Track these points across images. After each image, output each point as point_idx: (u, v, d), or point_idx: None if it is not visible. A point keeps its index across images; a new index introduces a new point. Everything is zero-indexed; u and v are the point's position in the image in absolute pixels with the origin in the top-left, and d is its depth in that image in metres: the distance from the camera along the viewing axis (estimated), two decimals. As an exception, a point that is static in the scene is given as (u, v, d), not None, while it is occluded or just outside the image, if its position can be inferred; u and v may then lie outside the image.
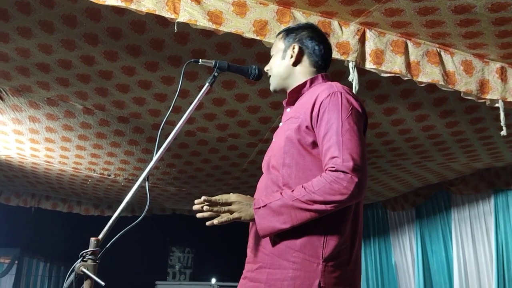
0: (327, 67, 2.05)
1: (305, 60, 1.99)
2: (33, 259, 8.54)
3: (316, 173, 1.71)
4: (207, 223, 1.73)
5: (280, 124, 1.98)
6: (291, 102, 1.98)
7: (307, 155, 1.76)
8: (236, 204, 1.74)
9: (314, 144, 1.75)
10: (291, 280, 1.63)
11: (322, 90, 1.79)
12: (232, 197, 1.76)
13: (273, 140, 1.97)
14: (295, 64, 1.99)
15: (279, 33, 2.10)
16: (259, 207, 1.70)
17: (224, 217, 1.72)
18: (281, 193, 1.69)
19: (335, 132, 1.67)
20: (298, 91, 1.95)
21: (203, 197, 1.73)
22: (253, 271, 1.75)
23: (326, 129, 1.70)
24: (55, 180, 6.37)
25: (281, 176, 1.78)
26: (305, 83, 1.95)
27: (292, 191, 1.67)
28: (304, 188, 1.65)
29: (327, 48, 2.04)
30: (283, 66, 2.01)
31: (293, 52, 1.98)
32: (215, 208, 1.73)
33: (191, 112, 1.91)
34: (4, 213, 7.45)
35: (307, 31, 2.03)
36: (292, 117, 1.84)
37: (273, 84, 2.05)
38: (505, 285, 5.21)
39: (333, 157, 1.64)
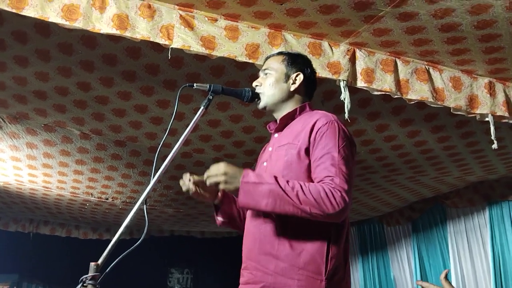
0: (312, 96, 2.19)
1: (302, 89, 2.10)
2: (32, 285, 8.47)
3: None
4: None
5: (270, 149, 2.04)
6: (280, 128, 2.05)
7: (306, 178, 1.83)
8: (224, 176, 1.78)
9: (309, 167, 1.85)
10: None
11: (319, 117, 1.91)
12: (221, 168, 1.79)
13: (264, 164, 2.02)
14: (295, 91, 2.07)
15: (280, 54, 2.16)
16: (248, 182, 1.75)
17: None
18: (275, 178, 1.74)
19: (331, 156, 1.79)
20: (289, 118, 2.04)
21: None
22: None
23: (323, 152, 1.81)
24: (53, 205, 6.38)
25: None
26: (295, 110, 2.05)
27: (287, 181, 1.73)
28: (301, 186, 1.71)
29: (316, 80, 2.20)
30: (282, 90, 2.06)
31: (297, 79, 2.07)
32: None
33: (187, 135, 1.93)
34: (2, 239, 7.44)
35: (307, 62, 2.17)
36: (289, 143, 1.91)
37: (265, 102, 2.07)
38: (503, 296, 5.24)
39: (330, 176, 1.74)
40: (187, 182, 2.00)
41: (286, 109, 2.06)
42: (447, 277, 1.75)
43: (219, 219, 2.15)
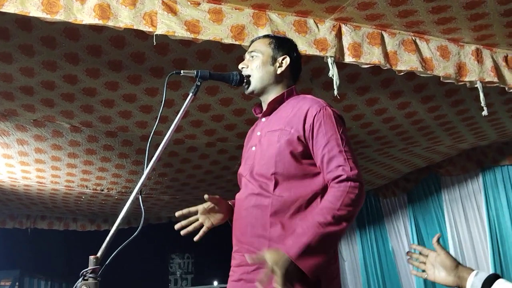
0: (297, 80, 2.20)
1: (288, 73, 2.11)
2: (33, 279, 8.51)
3: (302, 179, 1.86)
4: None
5: (258, 134, 2.05)
6: (268, 113, 2.07)
7: (297, 164, 1.87)
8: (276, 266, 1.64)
9: (304, 154, 1.88)
10: None
11: (311, 104, 1.93)
12: (269, 259, 1.65)
13: (253, 149, 2.03)
14: (281, 74, 2.08)
15: (266, 37, 2.17)
16: (298, 255, 1.64)
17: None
18: (304, 227, 1.70)
19: (336, 143, 1.83)
20: (277, 102, 2.05)
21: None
22: (250, 273, 1.82)
23: (325, 140, 1.85)
24: (49, 200, 6.37)
25: (272, 183, 1.86)
26: (282, 94, 2.06)
27: (312, 217, 1.72)
28: (325, 210, 1.72)
29: (301, 64, 2.21)
30: (268, 72, 2.06)
31: (284, 62, 2.08)
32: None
33: (178, 122, 1.93)
34: (0, 236, 7.45)
35: (295, 46, 2.20)
36: (281, 129, 1.93)
37: (254, 85, 2.08)
38: (501, 259, 5.31)
39: (340, 166, 1.79)
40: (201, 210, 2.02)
41: (273, 92, 2.08)
42: (439, 241, 1.76)
43: None
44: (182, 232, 1.96)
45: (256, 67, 2.07)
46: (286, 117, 1.96)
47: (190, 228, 1.96)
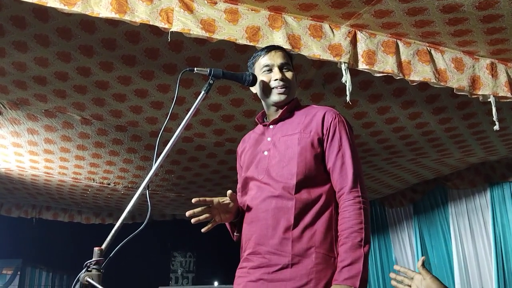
0: None
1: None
2: (35, 269, 8.56)
3: (319, 181, 1.97)
4: None
5: (268, 139, 2.09)
6: (276, 121, 2.13)
7: (316, 166, 1.97)
8: None
9: (323, 157, 2.00)
10: (316, 273, 1.82)
11: (326, 110, 2.05)
12: None
13: (265, 153, 2.06)
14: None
15: (286, 51, 2.24)
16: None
17: None
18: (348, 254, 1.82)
19: (349, 155, 1.97)
20: (289, 110, 2.14)
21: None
22: (271, 273, 1.87)
23: (338, 146, 1.98)
24: (55, 191, 6.40)
25: (294, 185, 1.93)
26: (294, 103, 2.16)
27: (347, 242, 1.84)
28: (353, 228, 1.86)
29: None
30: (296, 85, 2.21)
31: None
32: None
33: (188, 119, 1.94)
34: (5, 225, 7.48)
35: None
36: (301, 133, 2.02)
37: (289, 96, 2.14)
38: (505, 276, 5.27)
39: (345, 186, 1.93)
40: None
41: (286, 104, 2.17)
42: (424, 265, 1.75)
43: (237, 234, 2.18)
44: (193, 220, 1.96)
45: (292, 79, 2.14)
46: (301, 123, 2.05)
47: (201, 217, 1.95)
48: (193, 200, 1.94)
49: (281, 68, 2.12)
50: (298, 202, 1.91)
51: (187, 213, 1.92)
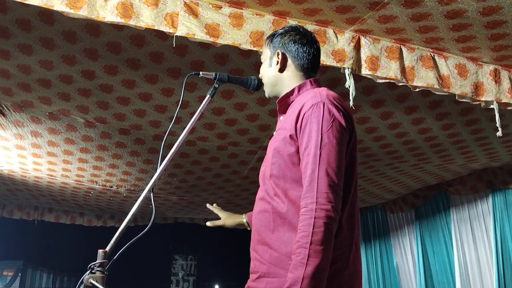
0: (315, 69, 1.99)
1: (291, 65, 1.94)
2: (36, 271, 8.56)
3: (296, 184, 1.69)
4: None
5: (274, 133, 1.94)
6: (283, 110, 1.93)
7: (292, 166, 1.72)
8: None
9: (296, 154, 1.72)
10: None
11: (308, 99, 1.75)
12: None
13: (267, 151, 1.92)
14: (281, 70, 1.93)
15: (266, 39, 2.05)
16: None
17: None
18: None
19: (313, 153, 1.63)
20: (286, 99, 1.91)
21: None
22: (254, 281, 1.74)
23: (306, 142, 1.66)
24: (58, 193, 6.41)
25: (271, 187, 1.76)
26: (293, 90, 1.90)
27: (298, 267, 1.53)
28: (299, 243, 1.55)
29: (314, 50, 1.96)
30: (271, 74, 1.96)
31: (278, 58, 1.93)
32: None
33: (193, 123, 1.94)
34: (7, 226, 7.50)
35: (290, 35, 1.96)
36: (281, 128, 1.82)
37: (266, 91, 2.01)
38: (506, 283, 5.26)
39: (307, 199, 1.59)
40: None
41: (283, 91, 1.93)
42: None
43: None
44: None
45: (263, 73, 2.02)
46: (291, 114, 1.80)
47: (215, 210, 1.98)
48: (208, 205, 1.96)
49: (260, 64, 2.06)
50: (275, 206, 1.72)
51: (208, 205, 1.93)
